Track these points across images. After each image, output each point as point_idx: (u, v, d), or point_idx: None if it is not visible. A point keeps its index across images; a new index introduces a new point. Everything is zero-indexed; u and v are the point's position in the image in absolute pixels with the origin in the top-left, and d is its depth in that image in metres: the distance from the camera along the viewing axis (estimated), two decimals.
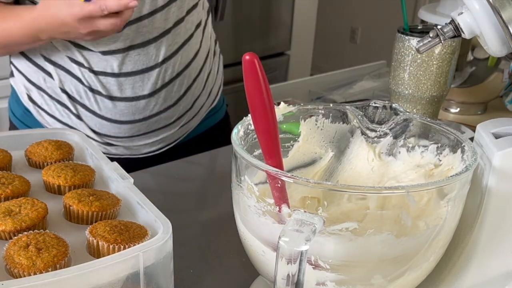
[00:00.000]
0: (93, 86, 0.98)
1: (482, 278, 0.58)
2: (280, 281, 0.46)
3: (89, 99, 0.99)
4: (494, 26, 0.55)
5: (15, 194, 0.60)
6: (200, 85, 1.08)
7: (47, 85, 1.00)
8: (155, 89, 1.00)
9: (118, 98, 0.99)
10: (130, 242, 0.53)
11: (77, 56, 0.96)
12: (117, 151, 1.06)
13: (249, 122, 0.60)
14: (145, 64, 0.97)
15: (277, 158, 0.53)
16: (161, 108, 1.02)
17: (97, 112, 1.00)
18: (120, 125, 1.01)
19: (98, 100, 0.99)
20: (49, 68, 0.99)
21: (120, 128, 1.02)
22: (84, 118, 1.01)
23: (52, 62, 0.98)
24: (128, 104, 0.99)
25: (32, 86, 1.02)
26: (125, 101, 0.99)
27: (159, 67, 0.99)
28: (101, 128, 1.02)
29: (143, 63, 0.97)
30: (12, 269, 0.50)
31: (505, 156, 0.54)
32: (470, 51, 1.06)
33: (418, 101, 0.94)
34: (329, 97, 1.31)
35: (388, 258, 0.51)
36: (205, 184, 0.90)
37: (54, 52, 0.98)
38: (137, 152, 1.07)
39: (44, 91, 1.01)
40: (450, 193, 0.51)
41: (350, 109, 0.64)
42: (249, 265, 0.60)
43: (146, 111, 1.01)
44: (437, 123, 0.61)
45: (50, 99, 1.01)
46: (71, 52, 0.96)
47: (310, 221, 0.46)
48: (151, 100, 1.00)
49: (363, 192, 0.51)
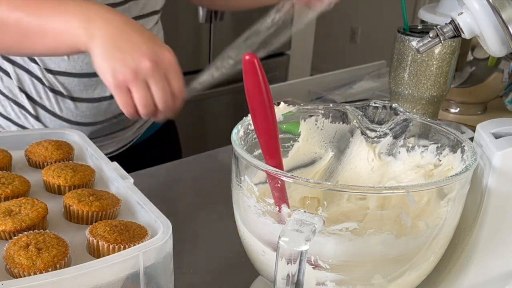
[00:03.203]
0: (54, 87, 0.94)
1: (482, 278, 0.58)
2: (280, 281, 0.46)
3: (49, 100, 0.95)
4: (494, 26, 0.55)
5: (15, 194, 0.60)
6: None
7: (4, 84, 0.96)
8: None
9: (79, 99, 0.96)
10: (130, 242, 0.53)
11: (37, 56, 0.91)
12: None
13: (249, 122, 0.60)
14: None
15: (277, 158, 0.53)
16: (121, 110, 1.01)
17: (58, 114, 0.97)
18: (81, 127, 0.98)
19: (59, 101, 0.95)
20: (7, 67, 0.94)
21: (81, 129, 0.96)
22: (43, 119, 0.97)
23: (10, 61, 0.94)
24: (90, 105, 0.96)
25: None
26: (87, 102, 0.96)
27: None
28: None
29: None
30: (12, 269, 0.50)
31: (505, 156, 0.54)
32: (470, 51, 1.06)
33: (418, 101, 0.94)
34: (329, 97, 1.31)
35: (388, 258, 0.51)
36: (205, 184, 0.90)
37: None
38: None
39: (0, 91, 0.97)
40: (450, 193, 0.51)
41: (350, 109, 0.64)
42: (249, 265, 0.60)
43: (107, 113, 0.99)
44: (437, 123, 0.61)
45: (6, 99, 0.97)
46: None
47: (310, 221, 0.46)
48: (113, 102, 0.97)
49: (363, 192, 0.51)
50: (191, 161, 1.00)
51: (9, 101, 0.98)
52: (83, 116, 0.98)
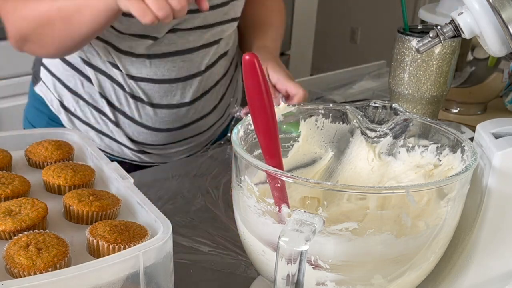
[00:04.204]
0: (135, 93, 0.96)
1: (482, 278, 0.58)
2: (280, 281, 0.46)
3: (129, 106, 0.97)
4: (494, 26, 0.55)
5: (15, 194, 0.60)
6: (231, 93, 1.10)
7: (84, 90, 0.98)
8: (196, 97, 1.00)
9: (159, 105, 0.97)
10: (130, 242, 0.53)
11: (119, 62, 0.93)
12: (150, 159, 1.05)
13: (249, 122, 0.60)
14: (189, 71, 0.97)
15: (277, 158, 0.53)
16: (199, 116, 1.02)
17: (137, 120, 0.98)
18: (158, 132, 1.00)
19: (139, 107, 0.97)
20: (88, 72, 0.96)
21: (157, 136, 1.01)
22: (122, 125, 0.99)
23: (92, 66, 0.95)
24: (169, 111, 0.98)
25: (67, 91, 0.99)
26: (167, 108, 0.98)
27: (201, 75, 0.99)
28: (138, 136, 1.00)
29: (187, 69, 0.96)
30: (12, 269, 0.50)
31: (505, 156, 0.54)
32: (470, 51, 1.06)
33: (418, 101, 0.94)
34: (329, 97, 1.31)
35: (388, 258, 0.51)
36: (205, 183, 0.90)
37: (94, 56, 0.95)
38: (168, 160, 1.06)
39: (80, 96, 0.98)
40: (450, 193, 0.51)
41: (350, 109, 0.64)
42: (249, 265, 0.60)
43: (185, 119, 1.01)
44: (437, 123, 0.61)
45: (86, 104, 0.99)
46: (112, 58, 0.94)
47: (310, 221, 0.46)
48: (191, 108, 1.00)
49: (363, 192, 0.51)
50: (191, 161, 1.00)
51: (89, 107, 0.99)
52: (162, 122, 0.99)
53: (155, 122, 0.99)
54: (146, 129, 1.00)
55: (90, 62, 0.96)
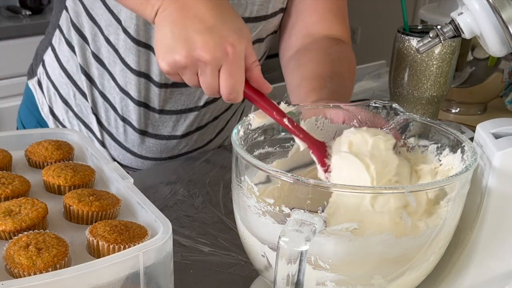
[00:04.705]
0: (125, 115, 0.92)
1: (482, 278, 0.58)
2: (280, 281, 0.46)
3: (117, 128, 0.94)
4: (494, 26, 0.55)
5: (15, 194, 0.60)
6: (232, 126, 1.03)
7: (76, 101, 0.94)
8: (189, 131, 0.96)
9: (149, 134, 0.94)
10: (130, 242, 0.53)
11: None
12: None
13: (249, 122, 0.60)
14: (185, 105, 0.93)
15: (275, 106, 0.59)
16: (190, 149, 0.99)
17: (123, 143, 0.95)
18: (144, 160, 0.97)
19: (127, 131, 0.93)
20: (84, 86, 0.92)
21: (143, 163, 0.97)
22: (108, 146, 0.96)
23: (90, 79, 0.92)
24: (158, 142, 0.95)
25: (58, 98, 0.96)
26: (155, 138, 0.95)
27: (198, 110, 0.94)
28: (123, 159, 0.97)
29: (183, 103, 0.92)
30: (12, 269, 0.50)
31: (505, 156, 0.54)
32: (470, 51, 1.06)
33: (418, 101, 0.94)
34: None
35: (388, 258, 0.51)
36: (205, 184, 0.90)
37: (94, 71, 0.91)
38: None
39: (70, 107, 0.95)
40: (450, 193, 0.51)
41: (350, 109, 0.64)
42: (249, 265, 0.60)
43: (174, 150, 0.97)
44: (437, 123, 0.61)
45: (74, 117, 0.95)
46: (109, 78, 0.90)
47: (310, 221, 0.46)
48: (182, 141, 0.96)
49: (363, 192, 0.51)
50: (191, 160, 1.00)
51: (78, 120, 0.96)
52: (148, 151, 0.95)
53: (141, 150, 0.95)
54: (131, 155, 0.96)
55: (89, 73, 0.92)
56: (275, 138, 0.64)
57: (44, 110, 0.98)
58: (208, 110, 0.96)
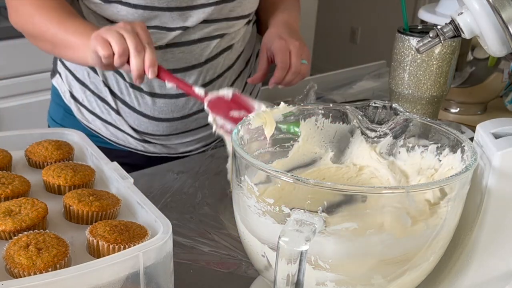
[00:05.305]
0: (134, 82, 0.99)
1: (482, 278, 0.58)
2: (280, 281, 0.46)
3: (129, 95, 1.00)
4: (494, 26, 0.55)
5: (15, 194, 0.60)
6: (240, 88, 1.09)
7: (90, 80, 1.02)
8: None
9: (158, 94, 1.00)
10: (130, 242, 0.53)
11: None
12: (155, 149, 1.06)
13: (249, 122, 0.61)
14: (187, 63, 0.98)
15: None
16: (199, 107, 1.03)
17: (137, 109, 1.01)
18: (158, 122, 1.02)
19: (138, 96, 1.00)
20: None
21: (158, 125, 1.03)
22: (123, 114, 1.02)
23: None
24: (167, 101, 1.00)
25: (76, 81, 1.03)
26: (165, 98, 1.00)
27: (200, 67, 1.00)
28: (139, 125, 1.03)
29: (185, 61, 0.98)
30: (12, 269, 0.50)
31: (505, 156, 0.54)
32: (470, 51, 1.06)
33: (418, 101, 0.94)
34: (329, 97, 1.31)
35: (388, 258, 0.51)
36: (205, 183, 0.90)
37: None
38: (174, 151, 1.07)
39: (87, 86, 1.02)
40: (450, 193, 0.51)
41: (350, 109, 0.64)
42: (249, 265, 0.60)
43: (184, 109, 1.02)
44: (437, 123, 0.61)
45: (91, 94, 1.03)
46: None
47: (310, 221, 0.46)
48: (190, 99, 1.01)
49: (363, 192, 0.51)
50: (191, 160, 1.00)
51: (95, 97, 1.03)
52: (161, 112, 1.01)
53: (153, 111, 1.01)
54: (146, 118, 1.02)
55: None
56: (275, 138, 0.64)
57: (67, 96, 1.06)
58: (211, 67, 1.01)
